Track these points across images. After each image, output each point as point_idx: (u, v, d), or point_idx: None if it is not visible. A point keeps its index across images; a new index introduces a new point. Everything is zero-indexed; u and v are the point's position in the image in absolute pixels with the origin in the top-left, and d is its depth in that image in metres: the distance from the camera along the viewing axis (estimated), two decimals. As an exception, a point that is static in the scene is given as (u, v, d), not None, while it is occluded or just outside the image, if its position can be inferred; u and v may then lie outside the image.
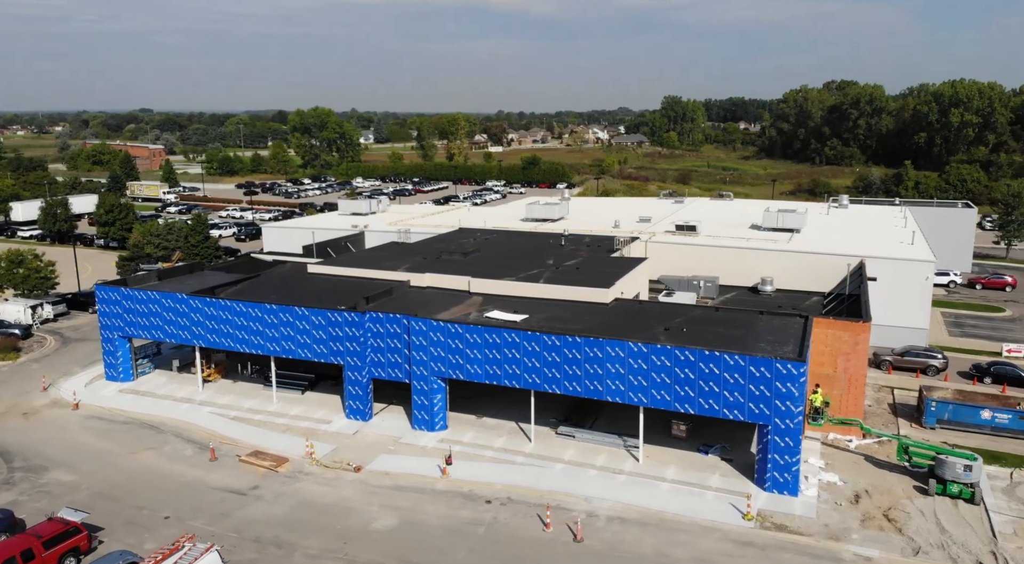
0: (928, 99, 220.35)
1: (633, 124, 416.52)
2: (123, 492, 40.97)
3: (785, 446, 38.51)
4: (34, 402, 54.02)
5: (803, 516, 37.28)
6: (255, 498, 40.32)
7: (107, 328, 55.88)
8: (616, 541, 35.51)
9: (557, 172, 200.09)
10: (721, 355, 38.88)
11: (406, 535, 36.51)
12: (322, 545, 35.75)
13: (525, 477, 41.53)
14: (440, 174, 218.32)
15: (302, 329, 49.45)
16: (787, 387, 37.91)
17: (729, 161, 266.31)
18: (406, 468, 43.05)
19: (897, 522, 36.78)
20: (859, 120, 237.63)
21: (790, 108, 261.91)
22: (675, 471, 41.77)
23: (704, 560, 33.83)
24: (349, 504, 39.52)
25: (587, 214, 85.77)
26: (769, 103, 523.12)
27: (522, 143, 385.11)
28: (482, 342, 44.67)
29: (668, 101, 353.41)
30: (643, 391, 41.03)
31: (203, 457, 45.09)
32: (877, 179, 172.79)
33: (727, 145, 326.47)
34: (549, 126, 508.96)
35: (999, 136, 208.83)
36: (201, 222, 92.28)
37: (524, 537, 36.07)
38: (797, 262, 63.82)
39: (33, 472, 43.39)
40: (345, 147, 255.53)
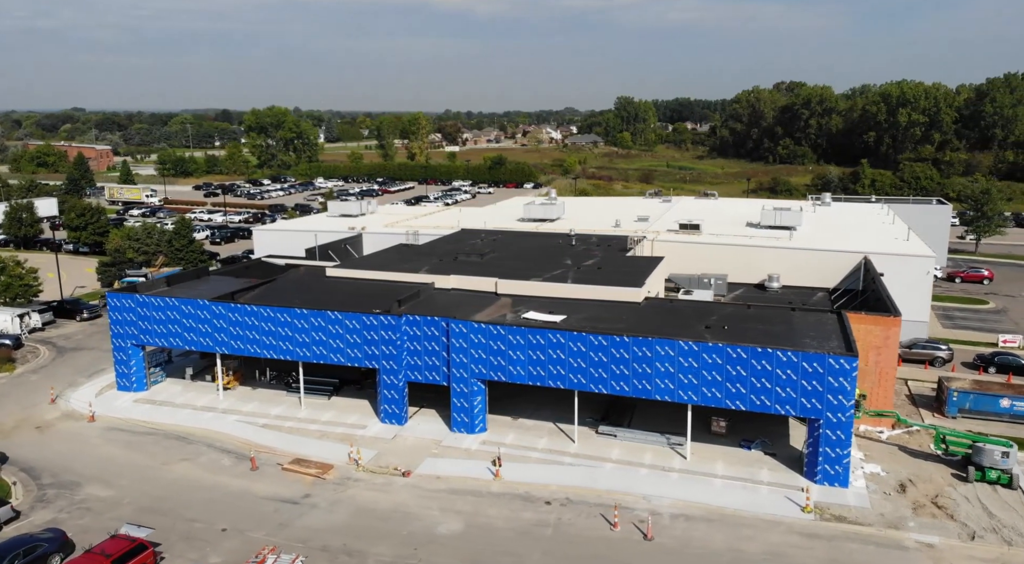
0: (876, 99, 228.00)
1: (586, 124, 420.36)
2: (169, 505, 39.77)
3: (836, 439, 39.64)
4: (45, 415, 51.94)
5: (858, 507, 38.45)
6: (310, 507, 39.61)
7: (119, 336, 54.06)
8: (686, 538, 36.06)
9: (523, 172, 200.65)
10: (774, 352, 39.81)
11: (475, 539, 36.39)
12: (393, 552, 35.37)
13: (579, 477, 41.78)
14: (404, 174, 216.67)
15: (335, 333, 48.71)
16: (839, 382, 39.04)
17: (684, 161, 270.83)
18: (456, 471, 42.85)
19: (947, 509, 38.26)
20: (810, 120, 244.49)
21: (743, 108, 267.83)
22: (723, 467, 42.58)
23: (777, 553, 34.64)
24: (408, 509, 39.17)
25: (582, 214, 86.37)
26: (713, 103, 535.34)
27: (477, 143, 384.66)
28: (525, 343, 44.75)
29: (621, 101, 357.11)
30: (693, 389, 41.71)
31: (243, 467, 44.07)
32: (835, 177, 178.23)
33: (678, 145, 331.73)
34: (502, 126, 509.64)
35: (944, 135, 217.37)
36: (186, 226, 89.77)
37: (593, 537, 36.33)
38: (802, 259, 65.51)
39: (66, 488, 41.76)
40: (302, 147, 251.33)
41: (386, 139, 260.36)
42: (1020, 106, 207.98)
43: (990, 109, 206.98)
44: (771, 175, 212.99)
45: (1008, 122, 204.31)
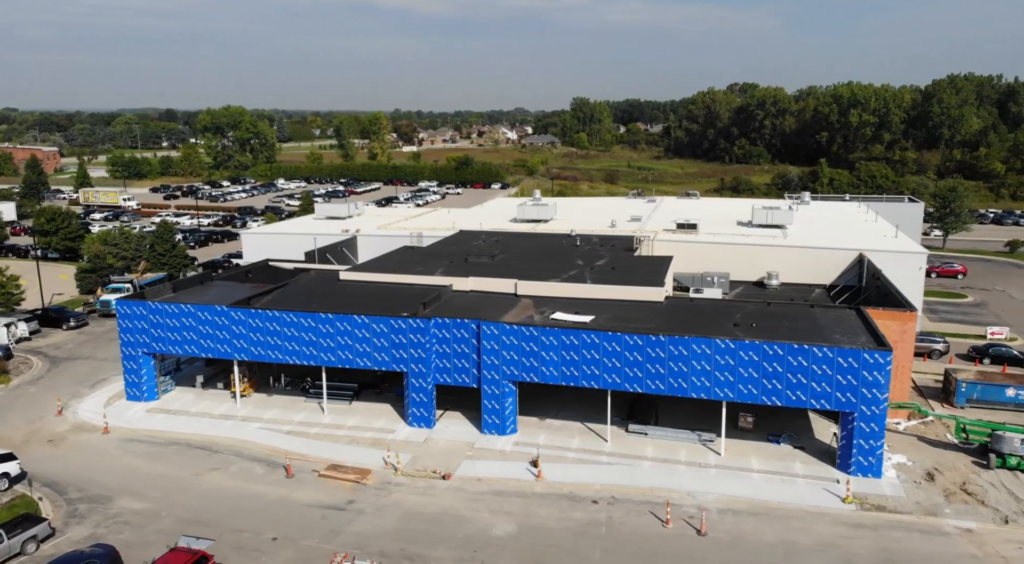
0: (828, 100, 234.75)
1: (541, 125, 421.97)
2: (211, 516, 38.96)
3: (870, 431, 41.02)
4: (54, 428, 50.25)
5: (894, 496, 39.87)
6: (357, 512, 39.28)
7: (129, 345, 52.60)
8: (738, 532, 36.89)
9: (490, 172, 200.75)
10: (810, 348, 40.98)
11: (531, 540, 36.60)
12: (453, 555, 35.36)
13: (620, 476, 42.32)
14: (368, 175, 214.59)
15: (361, 337, 48.30)
16: (873, 375, 40.42)
17: (642, 161, 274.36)
18: (496, 473, 42.96)
19: (976, 495, 39.96)
20: (765, 120, 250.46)
21: (699, 109, 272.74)
22: (758, 461, 43.63)
23: (829, 544, 35.72)
24: (457, 512, 39.16)
25: (573, 215, 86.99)
26: (663, 105, 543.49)
27: (434, 142, 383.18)
28: (559, 344, 45.10)
29: (577, 102, 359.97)
30: (729, 386, 42.64)
31: (277, 475, 43.40)
32: (795, 176, 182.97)
33: (633, 146, 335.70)
34: (457, 126, 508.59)
35: (893, 135, 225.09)
36: (168, 229, 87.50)
37: (647, 534, 36.89)
38: (800, 256, 67.25)
39: (97, 502, 40.54)
40: (259, 147, 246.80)
41: (346, 139, 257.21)
42: (966, 106, 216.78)
43: (937, 110, 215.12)
44: (729, 175, 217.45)
45: (955, 122, 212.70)
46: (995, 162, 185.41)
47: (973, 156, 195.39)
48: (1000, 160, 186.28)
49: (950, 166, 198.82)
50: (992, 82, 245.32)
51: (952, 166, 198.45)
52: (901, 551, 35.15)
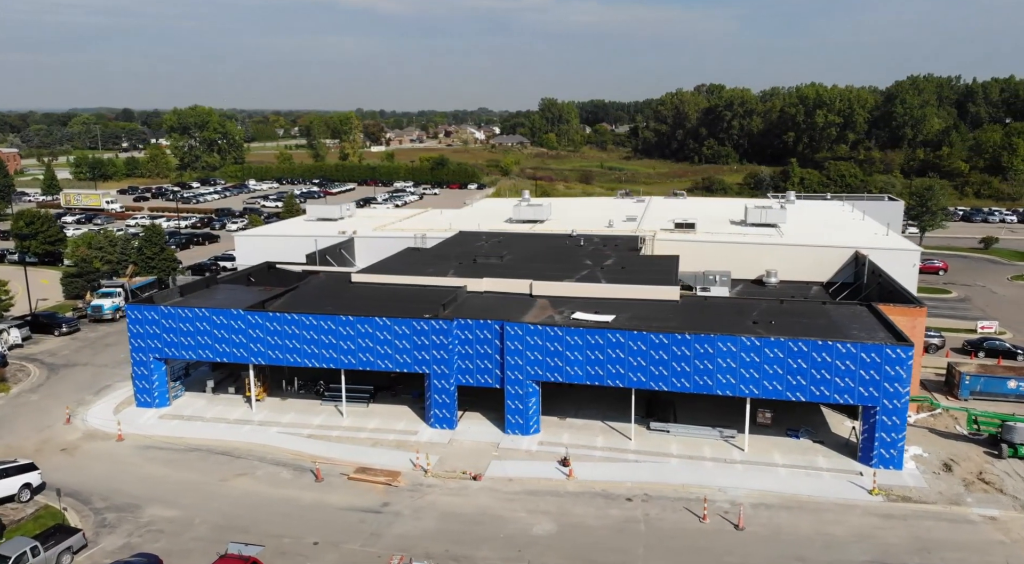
0: (795, 101, 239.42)
1: (508, 125, 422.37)
2: (246, 522, 38.55)
3: (892, 425, 42.22)
4: (65, 436, 49.17)
5: (917, 487, 41.10)
6: (394, 515, 39.21)
7: (140, 350, 51.69)
8: (774, 525, 37.70)
9: (466, 173, 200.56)
10: (834, 344, 42.03)
11: (573, 538, 36.94)
12: (498, 555, 35.54)
13: (649, 473, 42.90)
14: (341, 175, 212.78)
15: (383, 340, 48.15)
16: (896, 370, 41.60)
17: (612, 161, 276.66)
18: (526, 473, 43.22)
19: (994, 484, 41.40)
20: (732, 121, 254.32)
21: (668, 110, 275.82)
22: (780, 456, 44.59)
23: (864, 535, 36.70)
24: (494, 512, 39.33)
25: (567, 215, 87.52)
26: (627, 105, 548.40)
27: (402, 142, 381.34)
28: (583, 344, 45.54)
29: (545, 103, 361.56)
30: (754, 383, 43.51)
31: (305, 479, 43.08)
32: (767, 176, 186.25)
33: (600, 146, 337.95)
34: (423, 126, 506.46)
35: (857, 134, 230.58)
36: (157, 233, 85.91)
37: (687, 530, 37.50)
38: (797, 254, 68.71)
39: (125, 511, 39.82)
40: (227, 148, 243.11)
41: (316, 139, 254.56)
42: (927, 107, 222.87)
43: (900, 110, 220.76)
44: (700, 175, 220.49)
45: (917, 122, 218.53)
46: (958, 161, 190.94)
47: (936, 155, 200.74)
48: (962, 159, 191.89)
49: (914, 165, 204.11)
50: (951, 83, 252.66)
51: (916, 165, 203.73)
52: (933, 540, 36.29)
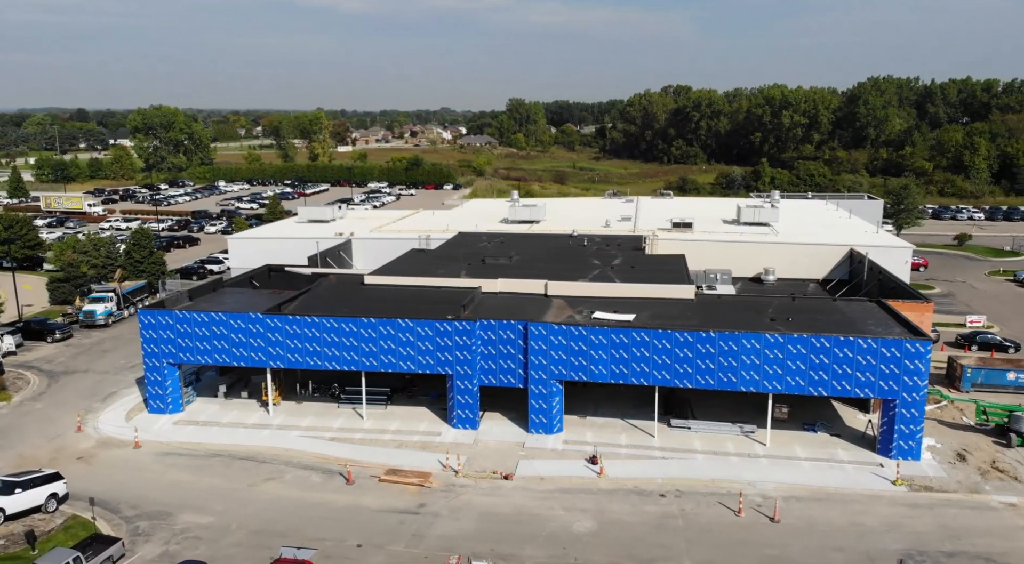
0: (761, 102, 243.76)
1: (475, 125, 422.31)
2: (284, 527, 38.28)
3: (911, 417, 43.57)
4: (79, 444, 48.20)
5: (936, 476, 42.49)
6: (432, 516, 39.29)
7: (153, 355, 50.88)
8: (807, 517, 38.67)
9: (441, 173, 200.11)
10: (855, 340, 43.24)
11: (614, 535, 37.43)
12: (544, 553, 35.87)
13: (678, 469, 43.62)
14: (313, 175, 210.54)
15: (406, 341, 48.12)
16: (915, 364, 42.95)
17: (581, 161, 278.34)
18: (556, 471, 43.61)
19: (1008, 472, 43.00)
20: (700, 122, 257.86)
21: (636, 111, 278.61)
22: (802, 450, 45.68)
23: (894, 524, 37.85)
24: (532, 511, 39.63)
25: (561, 216, 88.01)
26: (591, 106, 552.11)
27: (368, 142, 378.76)
28: (608, 343, 46.11)
29: (513, 103, 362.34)
30: (778, 378, 44.52)
31: (336, 482, 42.90)
32: (738, 176, 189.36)
33: (568, 146, 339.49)
34: (388, 125, 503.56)
35: (822, 135, 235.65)
36: (145, 236, 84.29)
37: (724, 524, 38.26)
38: (794, 252, 70.19)
39: (158, 519, 39.22)
40: (194, 148, 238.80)
41: (285, 139, 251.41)
42: (889, 108, 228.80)
43: (864, 110, 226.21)
44: (669, 175, 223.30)
45: (880, 122, 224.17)
46: (920, 160, 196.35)
47: (899, 155, 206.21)
48: (924, 158, 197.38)
49: (878, 165, 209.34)
50: (910, 84, 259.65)
51: (880, 165, 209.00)
52: (959, 527, 37.60)
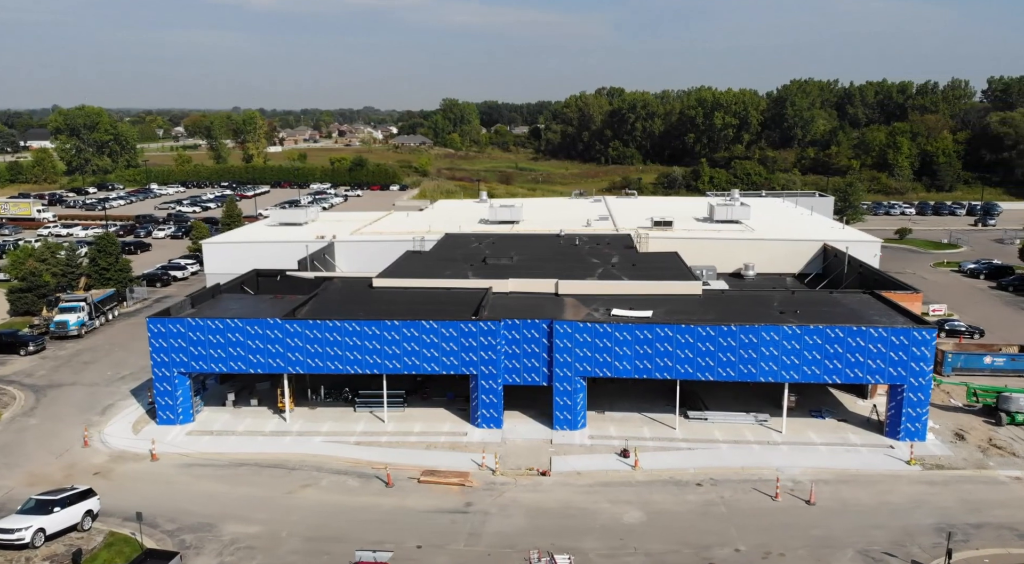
0: (694, 104, 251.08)
1: (408, 125, 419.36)
2: (336, 532, 38.01)
3: (918, 400, 46.45)
4: (90, 459, 46.44)
5: (944, 455, 45.46)
6: (483, 514, 39.69)
7: (163, 364, 49.36)
8: (838, 499, 40.82)
9: (387, 174, 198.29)
10: (867, 329, 45.83)
11: (665, 524, 38.67)
12: (604, 545, 36.76)
13: (707, 459, 45.26)
14: (251, 177, 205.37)
15: (430, 343, 48.25)
16: (921, 351, 45.83)
17: (520, 162, 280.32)
18: (591, 466, 44.60)
19: (1006, 448, 46.39)
20: (635, 123, 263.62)
21: (572, 112, 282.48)
22: (816, 435, 48.06)
23: (919, 501, 40.39)
24: (578, 505, 40.49)
25: (536, 216, 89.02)
26: (520, 107, 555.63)
27: (297, 142, 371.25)
28: (632, 339, 47.43)
29: (447, 103, 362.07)
30: (795, 368, 46.74)
31: (374, 485, 42.77)
32: (679, 176, 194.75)
33: (502, 147, 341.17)
34: (315, 125, 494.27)
35: (752, 135, 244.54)
36: (112, 242, 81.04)
37: (765, 509, 40.02)
38: (772, 248, 73.43)
39: (201, 531, 38.31)
40: (120, 150, 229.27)
41: (217, 139, 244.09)
42: (814, 109, 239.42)
43: (791, 112, 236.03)
44: (608, 175, 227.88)
45: (806, 123, 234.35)
46: (845, 159, 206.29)
47: (826, 154, 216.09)
48: (848, 157, 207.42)
49: (805, 164, 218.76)
50: (831, 87, 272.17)
51: (807, 164, 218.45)
52: (977, 501, 40.45)
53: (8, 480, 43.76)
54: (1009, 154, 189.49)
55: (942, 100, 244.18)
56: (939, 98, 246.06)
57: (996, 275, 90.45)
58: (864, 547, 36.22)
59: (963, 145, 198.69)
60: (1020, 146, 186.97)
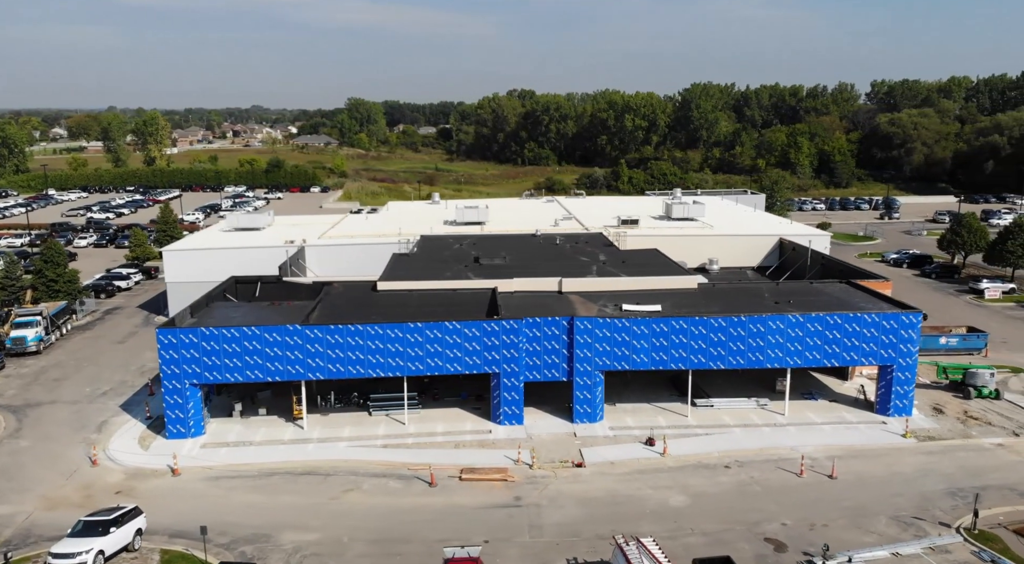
0: (605, 106, 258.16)
1: (310, 124, 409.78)
2: (400, 533, 38.17)
3: (905, 379, 50.75)
4: (105, 478, 44.43)
5: (931, 427, 49.89)
6: (536, 507, 40.74)
7: (174, 377, 47.68)
8: (853, 472, 44.23)
9: (306, 176, 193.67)
10: (863, 315, 49.73)
11: (708, 505, 40.87)
12: (662, 528, 38.49)
13: (727, 443, 47.89)
14: (157, 180, 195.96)
15: (453, 344, 48.75)
16: (908, 333, 50.14)
17: (433, 162, 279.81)
18: (622, 455, 46.37)
19: (981, 419, 51.35)
20: (550, 125, 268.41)
21: (487, 113, 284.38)
22: (815, 416, 51.63)
23: (924, 470, 44.35)
24: (624, 493, 42.16)
25: (501, 217, 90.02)
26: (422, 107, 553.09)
27: (192, 143, 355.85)
28: (649, 332, 49.56)
29: (353, 102, 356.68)
30: (798, 354, 50.12)
31: (417, 486, 43.01)
32: (600, 176, 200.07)
33: (410, 147, 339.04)
34: (208, 125, 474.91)
35: (660, 137, 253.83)
36: (58, 252, 76.41)
37: (794, 485, 42.91)
38: (734, 243, 77.67)
39: (258, 542, 37.61)
40: (8, 154, 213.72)
41: (116, 141, 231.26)
42: (717, 111, 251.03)
43: (697, 114, 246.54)
44: (527, 175, 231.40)
45: (711, 125, 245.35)
46: (747, 159, 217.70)
47: (730, 154, 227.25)
48: (751, 157, 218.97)
49: (712, 164, 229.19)
50: (729, 90, 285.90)
51: (714, 164, 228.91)
52: (975, 466, 44.81)
53: (25, 505, 41.29)
54: (898, 152, 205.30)
55: (832, 102, 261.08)
56: (829, 100, 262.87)
57: (917, 264, 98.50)
58: (894, 514, 39.62)
59: (856, 144, 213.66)
60: (908, 144, 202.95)
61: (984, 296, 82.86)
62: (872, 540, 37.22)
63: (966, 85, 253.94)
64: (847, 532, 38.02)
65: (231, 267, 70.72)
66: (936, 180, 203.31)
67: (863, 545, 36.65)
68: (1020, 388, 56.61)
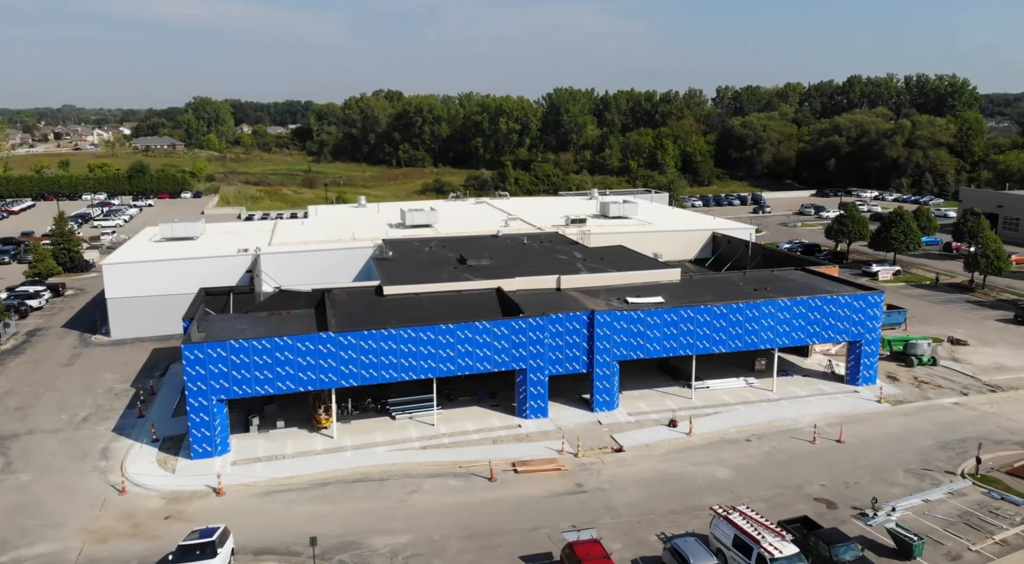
0: (478, 109, 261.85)
1: (146, 125, 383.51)
2: (486, 527, 39.16)
3: (870, 352, 57.49)
4: (144, 505, 42.00)
5: (896, 393, 56.84)
6: (600, 491, 42.95)
7: (200, 394, 45.58)
8: (855, 435, 49.86)
9: (173, 181, 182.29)
10: (837, 297, 55.84)
11: (752, 474, 44.79)
12: (722, 498, 41.82)
13: (739, 419, 52.23)
14: (5, 189, 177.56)
15: (482, 343, 49.83)
16: (872, 312, 56.87)
17: (295, 163, 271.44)
18: (654, 438, 49.45)
19: (931, 383, 59.05)
20: (424, 126, 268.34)
21: (355, 114, 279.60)
22: (799, 389, 57.23)
23: (911, 428, 50.76)
24: (672, 471, 45.27)
25: (450, 219, 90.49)
26: (266, 106, 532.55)
27: (15, 147, 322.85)
28: (660, 322, 53.08)
29: (199, 102, 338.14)
30: (786, 335, 55.46)
31: (477, 482, 44.00)
32: (488, 177, 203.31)
33: (263, 148, 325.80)
34: (26, 128, 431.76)
35: (532, 139, 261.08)
36: None
37: (811, 451, 47.81)
38: (675, 238, 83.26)
39: (350, 550, 37.39)
40: None
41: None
42: (584, 116, 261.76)
43: (566, 118, 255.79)
44: (404, 177, 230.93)
45: (580, 128, 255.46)
46: (616, 160, 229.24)
47: (600, 156, 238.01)
48: (619, 159, 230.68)
49: (583, 165, 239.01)
50: (590, 95, 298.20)
51: (585, 165, 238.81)
52: (947, 422, 51.80)
53: (69, 541, 38.27)
54: (751, 152, 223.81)
55: (685, 106, 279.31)
56: (682, 104, 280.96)
57: (808, 252, 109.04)
58: (905, 467, 45.41)
59: (713, 146, 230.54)
60: (759, 145, 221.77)
61: (878, 278, 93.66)
62: (900, 491, 42.61)
63: (800, 91, 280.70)
64: (876, 486, 43.21)
65: (183, 279, 67.63)
66: (783, 177, 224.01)
67: (894, 496, 41.89)
68: (946, 355, 65.41)
